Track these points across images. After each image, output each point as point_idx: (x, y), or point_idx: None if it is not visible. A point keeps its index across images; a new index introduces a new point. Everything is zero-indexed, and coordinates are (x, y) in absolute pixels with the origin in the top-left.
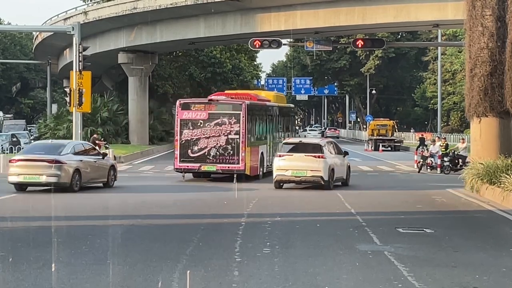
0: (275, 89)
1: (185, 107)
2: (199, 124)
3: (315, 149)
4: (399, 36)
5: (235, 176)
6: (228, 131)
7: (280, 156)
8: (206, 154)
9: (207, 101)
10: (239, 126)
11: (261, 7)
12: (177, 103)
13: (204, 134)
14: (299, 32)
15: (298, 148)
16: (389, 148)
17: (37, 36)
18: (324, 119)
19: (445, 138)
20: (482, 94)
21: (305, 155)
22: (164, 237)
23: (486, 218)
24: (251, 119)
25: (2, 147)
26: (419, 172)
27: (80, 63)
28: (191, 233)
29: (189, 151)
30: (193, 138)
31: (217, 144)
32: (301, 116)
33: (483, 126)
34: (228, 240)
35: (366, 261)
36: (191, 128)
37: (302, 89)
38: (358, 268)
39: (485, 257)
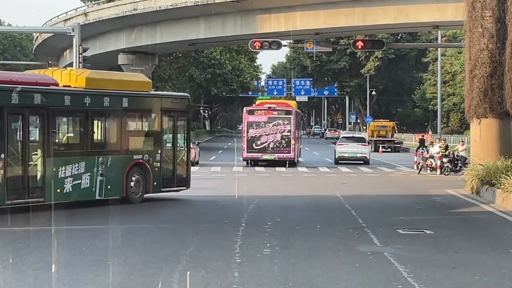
0: (275, 90)
1: (250, 112)
2: (261, 125)
3: (362, 140)
4: (399, 37)
5: (287, 162)
6: (282, 130)
7: (340, 144)
8: (266, 146)
9: (266, 108)
10: (290, 126)
11: (261, 8)
12: (244, 109)
13: (264, 132)
14: (299, 33)
15: (351, 139)
16: (389, 149)
17: (37, 37)
18: (324, 120)
19: (445, 140)
20: (482, 95)
21: (357, 144)
22: (164, 238)
23: (486, 219)
24: (296, 122)
25: None
26: (419, 173)
27: (80, 64)
28: (191, 234)
29: (254, 144)
30: (256, 135)
31: (274, 139)
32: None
33: (483, 127)
34: (228, 241)
35: (366, 262)
36: (255, 128)
37: (302, 90)
38: (358, 269)
39: (485, 258)
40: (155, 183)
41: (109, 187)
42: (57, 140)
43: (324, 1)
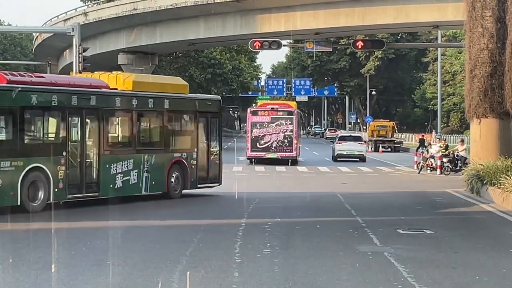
0: (275, 90)
1: (254, 113)
2: (264, 125)
3: (359, 139)
4: (399, 37)
5: (289, 160)
6: (285, 130)
7: (339, 142)
8: (269, 146)
9: (269, 109)
10: (292, 126)
11: (261, 8)
12: (248, 110)
13: (268, 132)
14: (299, 33)
15: (348, 138)
16: (389, 149)
17: (37, 37)
18: (324, 120)
19: (445, 140)
20: (482, 95)
21: (354, 142)
22: (163, 238)
23: (486, 219)
24: (297, 122)
25: None
26: (419, 173)
27: (80, 64)
28: (191, 234)
29: (257, 144)
30: (260, 135)
31: (277, 138)
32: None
33: (483, 127)
34: (228, 241)
35: (366, 262)
36: (258, 127)
37: (302, 90)
38: (358, 269)
39: (485, 258)
40: (192, 180)
41: (153, 183)
42: (109, 139)
43: (324, 1)
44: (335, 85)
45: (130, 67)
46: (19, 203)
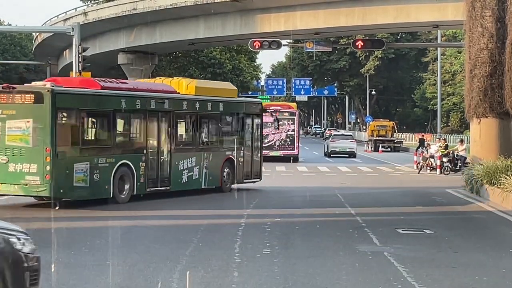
0: (275, 90)
1: None
2: (268, 125)
3: (350, 137)
4: (399, 37)
5: (291, 158)
6: (287, 129)
7: (332, 140)
8: (273, 144)
9: (273, 110)
10: (294, 126)
11: (261, 8)
12: None
13: (271, 131)
14: (299, 33)
15: (341, 136)
16: (389, 149)
17: (37, 37)
18: (324, 120)
19: (445, 139)
20: (481, 95)
21: (346, 140)
22: (163, 238)
23: (486, 219)
24: (298, 122)
25: None
26: (418, 173)
27: (80, 64)
28: (191, 234)
29: None
30: (264, 134)
31: (280, 137)
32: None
33: (482, 127)
34: (227, 240)
35: (366, 262)
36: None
37: (302, 89)
38: (358, 269)
39: (484, 258)
40: (239, 176)
41: (210, 178)
42: (178, 139)
43: (324, 1)
44: (335, 85)
45: (130, 67)
46: (111, 195)
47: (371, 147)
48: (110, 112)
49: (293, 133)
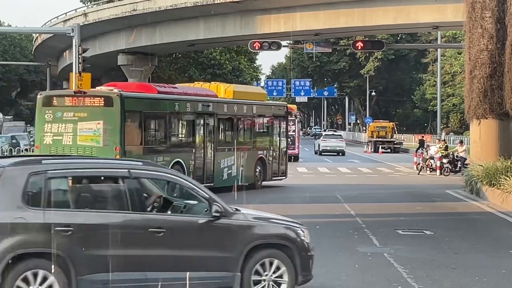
0: (275, 90)
1: None
2: None
3: (340, 137)
4: (399, 38)
5: (292, 157)
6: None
7: (323, 140)
8: None
9: None
10: (295, 127)
11: (261, 9)
12: None
13: None
14: (299, 34)
15: (331, 136)
16: (389, 150)
17: (37, 37)
18: (323, 121)
19: (444, 140)
20: (481, 96)
21: (336, 139)
22: None
23: (486, 220)
24: (299, 123)
25: (2, 149)
26: (418, 174)
27: (79, 65)
28: None
29: None
30: None
31: None
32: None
33: (482, 128)
34: None
35: (366, 263)
36: None
37: (302, 90)
38: (358, 270)
39: (484, 259)
40: (269, 174)
41: (245, 175)
42: (219, 139)
43: (323, 2)
44: (335, 86)
45: (129, 67)
46: None
47: (371, 148)
48: (166, 115)
49: (293, 133)
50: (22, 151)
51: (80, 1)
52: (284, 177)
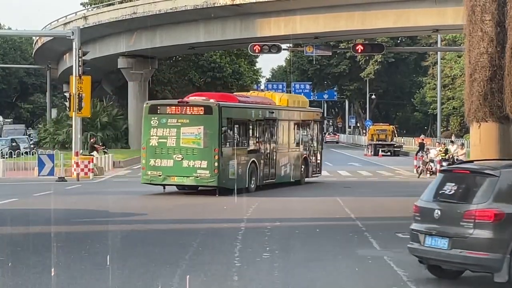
0: None
1: None
2: None
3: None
4: (399, 41)
5: None
6: None
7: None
8: None
9: None
10: None
11: (261, 12)
12: None
13: None
14: (299, 37)
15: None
16: (389, 153)
17: (37, 40)
18: (323, 124)
19: (444, 143)
20: (481, 99)
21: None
22: (163, 242)
23: None
24: None
25: (2, 152)
26: (419, 177)
27: (79, 68)
28: (191, 238)
29: None
30: None
31: None
32: None
33: (482, 131)
34: (227, 245)
35: (366, 266)
36: None
37: (302, 93)
38: (358, 273)
39: None
40: (310, 171)
41: (294, 173)
42: (278, 141)
43: (323, 5)
44: (335, 89)
45: (129, 70)
46: (246, 186)
47: (371, 151)
48: (246, 121)
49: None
50: (22, 154)
51: (81, 4)
52: (320, 174)
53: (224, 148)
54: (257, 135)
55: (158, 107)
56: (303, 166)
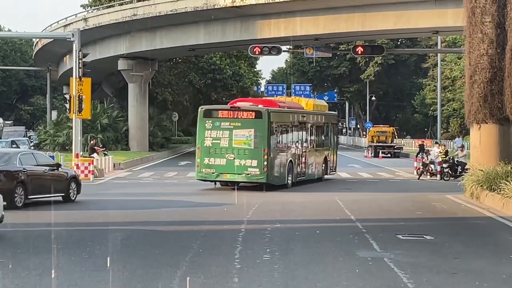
0: (275, 95)
1: None
2: None
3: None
4: (399, 43)
5: None
6: None
7: None
8: None
9: None
10: None
11: (261, 13)
12: None
13: None
14: (299, 39)
15: None
16: (389, 155)
17: (37, 42)
18: None
19: (444, 145)
20: (481, 101)
21: None
22: (164, 244)
23: (486, 225)
24: None
25: None
26: (419, 178)
27: (80, 70)
28: (191, 240)
29: None
30: None
31: None
32: None
33: (482, 133)
34: (228, 246)
35: (366, 268)
36: None
37: (302, 95)
38: (358, 275)
39: (485, 264)
40: (328, 169)
41: (317, 171)
42: (306, 142)
43: (323, 7)
44: (335, 90)
45: (130, 72)
46: (285, 182)
47: (371, 153)
48: (286, 124)
49: None
50: None
51: (81, 6)
52: (335, 172)
53: (271, 148)
54: (293, 137)
55: (213, 112)
56: (323, 165)
